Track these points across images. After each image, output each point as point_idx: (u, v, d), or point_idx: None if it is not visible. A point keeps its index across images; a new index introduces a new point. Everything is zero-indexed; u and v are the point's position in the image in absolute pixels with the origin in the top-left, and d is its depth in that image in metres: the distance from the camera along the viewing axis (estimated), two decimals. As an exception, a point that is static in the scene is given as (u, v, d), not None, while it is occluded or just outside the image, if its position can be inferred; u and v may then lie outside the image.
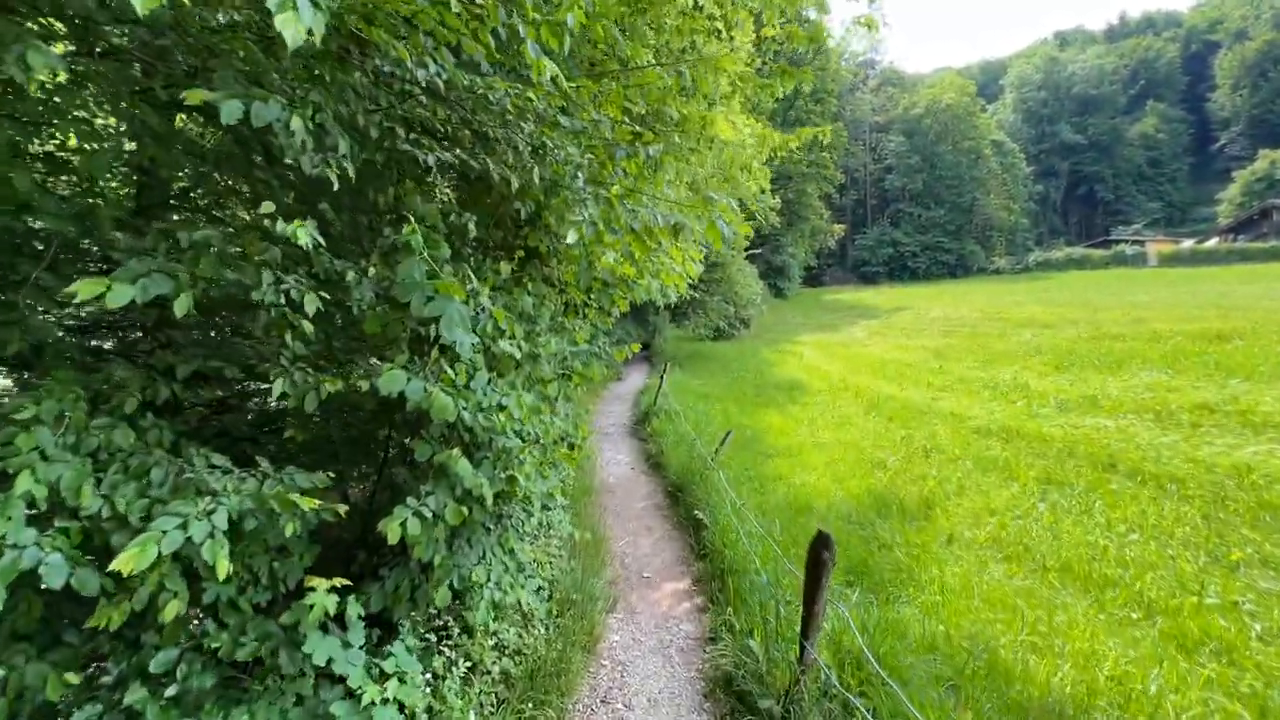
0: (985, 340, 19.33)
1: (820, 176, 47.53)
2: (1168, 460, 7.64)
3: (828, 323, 31.42)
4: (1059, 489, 7.33)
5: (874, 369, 17.11)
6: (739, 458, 9.05)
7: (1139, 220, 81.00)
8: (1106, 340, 15.47)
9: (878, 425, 11.12)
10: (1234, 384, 10.29)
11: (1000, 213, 70.67)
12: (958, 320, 25.98)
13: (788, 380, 15.76)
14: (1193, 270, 55.72)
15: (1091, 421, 9.80)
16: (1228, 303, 24.37)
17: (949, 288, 49.36)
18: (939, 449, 9.39)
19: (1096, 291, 37.50)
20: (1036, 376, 13.42)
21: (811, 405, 13.02)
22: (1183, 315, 19.68)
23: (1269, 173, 69.92)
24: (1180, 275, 49.96)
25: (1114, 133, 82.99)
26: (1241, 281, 36.53)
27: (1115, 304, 27.08)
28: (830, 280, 67.99)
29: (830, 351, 21.47)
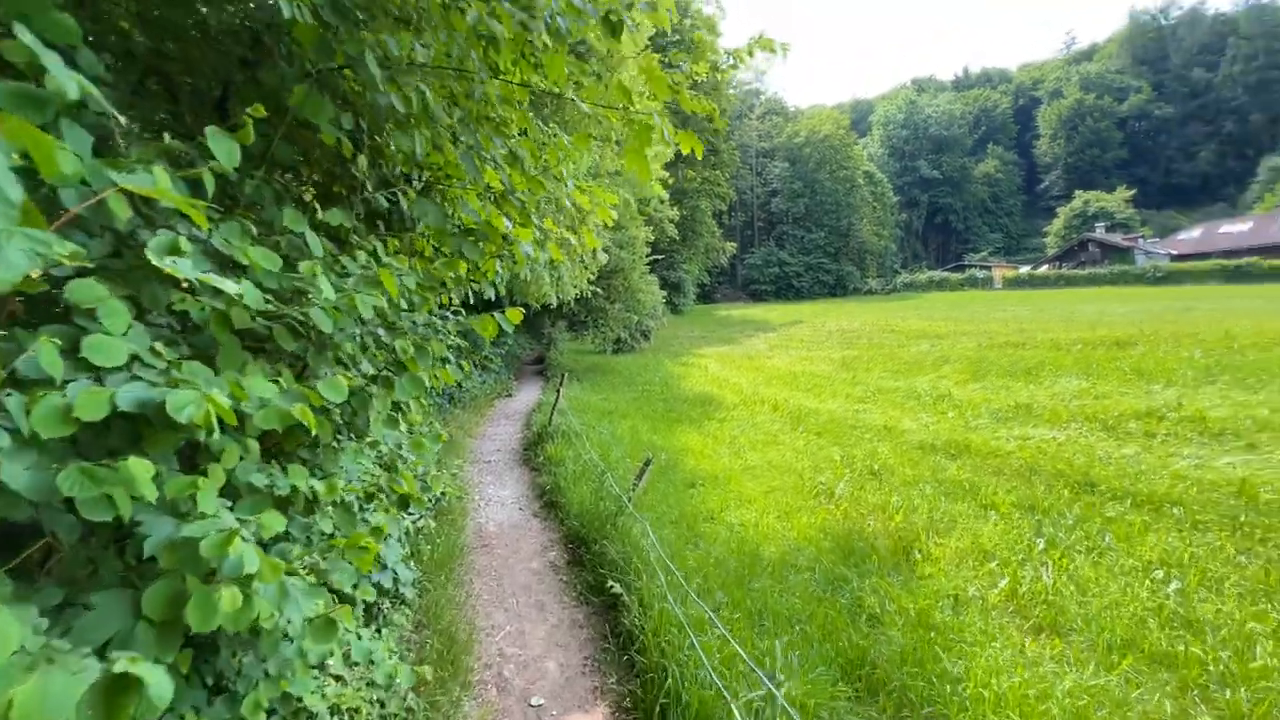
0: (887, 350, 18.72)
1: (713, 194, 47.40)
2: (1150, 477, 6.46)
3: (727, 336, 30.45)
4: (1047, 518, 5.87)
5: (785, 381, 15.78)
6: (657, 489, 6.98)
7: (985, 248, 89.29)
8: (1008, 349, 15.07)
9: (808, 443, 9.49)
10: (1158, 389, 9.67)
11: (872, 238, 74.97)
12: (853, 332, 25.73)
13: (699, 394, 14.00)
14: (1032, 292, 61.42)
15: (1037, 433, 8.69)
16: (1078, 317, 25.87)
17: (833, 305, 50.79)
18: (887, 469, 7.83)
19: (962, 308, 39.63)
20: (955, 385, 12.52)
21: (730, 421, 11.25)
22: (1055, 326, 20.20)
23: (1083, 210, 79.10)
24: (1023, 296, 54.66)
25: (963, 170, 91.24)
26: (1077, 302, 39.95)
27: (988, 317, 28.11)
28: (722, 297, 68.67)
29: (736, 364, 20.12)
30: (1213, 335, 11.96)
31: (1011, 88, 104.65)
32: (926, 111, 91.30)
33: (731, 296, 69.46)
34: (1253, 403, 8.14)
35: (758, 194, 74.79)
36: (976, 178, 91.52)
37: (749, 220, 76.39)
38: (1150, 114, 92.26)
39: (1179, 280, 60.40)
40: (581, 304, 18.41)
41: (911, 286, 76.44)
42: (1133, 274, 64.52)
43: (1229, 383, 9.06)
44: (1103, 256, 71.60)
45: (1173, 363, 10.61)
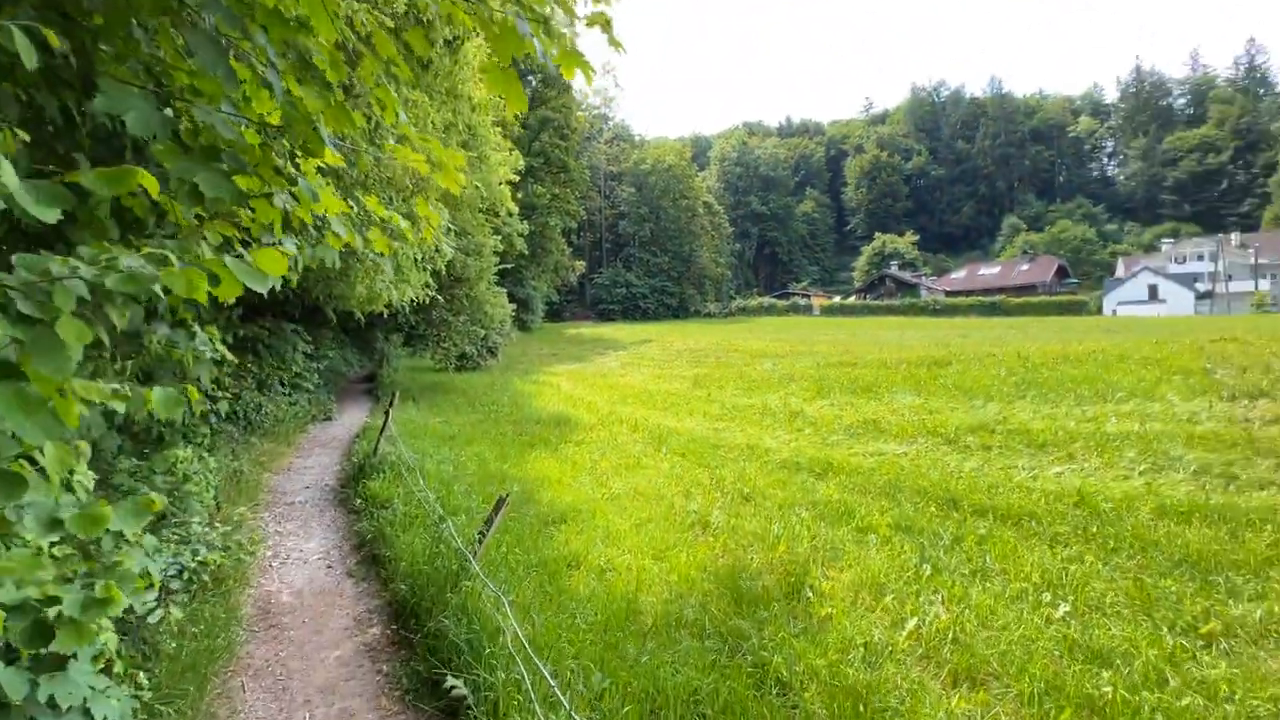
0: (735, 369, 19.02)
1: (564, 210, 46.66)
2: (1001, 491, 6.56)
3: (578, 354, 29.59)
4: (925, 538, 5.61)
5: (641, 399, 15.19)
6: (511, 530, 5.75)
7: (805, 278, 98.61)
8: (843, 368, 15.88)
9: (674, 465, 8.78)
10: (980, 404, 10.42)
11: (711, 264, 79.20)
12: (700, 351, 26.18)
13: (552, 414, 12.83)
14: (844, 318, 68.59)
15: (889, 448, 8.79)
16: (887, 341, 28.90)
17: (677, 326, 52.35)
18: (758, 492, 7.30)
19: (790, 331, 42.78)
20: (804, 402, 12.71)
21: (589, 443, 10.25)
22: (873, 348, 22.07)
23: (882, 249, 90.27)
24: (837, 321, 60.84)
25: (787, 209, 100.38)
26: (881, 328, 45.00)
27: (815, 340, 30.30)
28: (571, 315, 68.09)
29: (589, 382, 19.24)
30: (1009, 356, 13.46)
31: (825, 139, 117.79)
32: (757, 153, 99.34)
33: (580, 315, 69.15)
34: (1059, 415, 8.94)
35: (606, 216, 75.66)
36: (798, 216, 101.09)
37: (597, 241, 76.92)
38: (928, 173, 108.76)
39: (952, 312, 70.92)
40: (421, 315, 16.42)
41: (745, 311, 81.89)
42: (919, 305, 74.60)
43: (1036, 397, 9.99)
44: (897, 290, 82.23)
45: (986, 380, 11.62)
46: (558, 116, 44.65)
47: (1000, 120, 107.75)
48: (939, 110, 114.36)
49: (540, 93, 44.60)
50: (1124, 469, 6.68)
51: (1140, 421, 7.96)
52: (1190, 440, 7.09)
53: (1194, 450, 6.78)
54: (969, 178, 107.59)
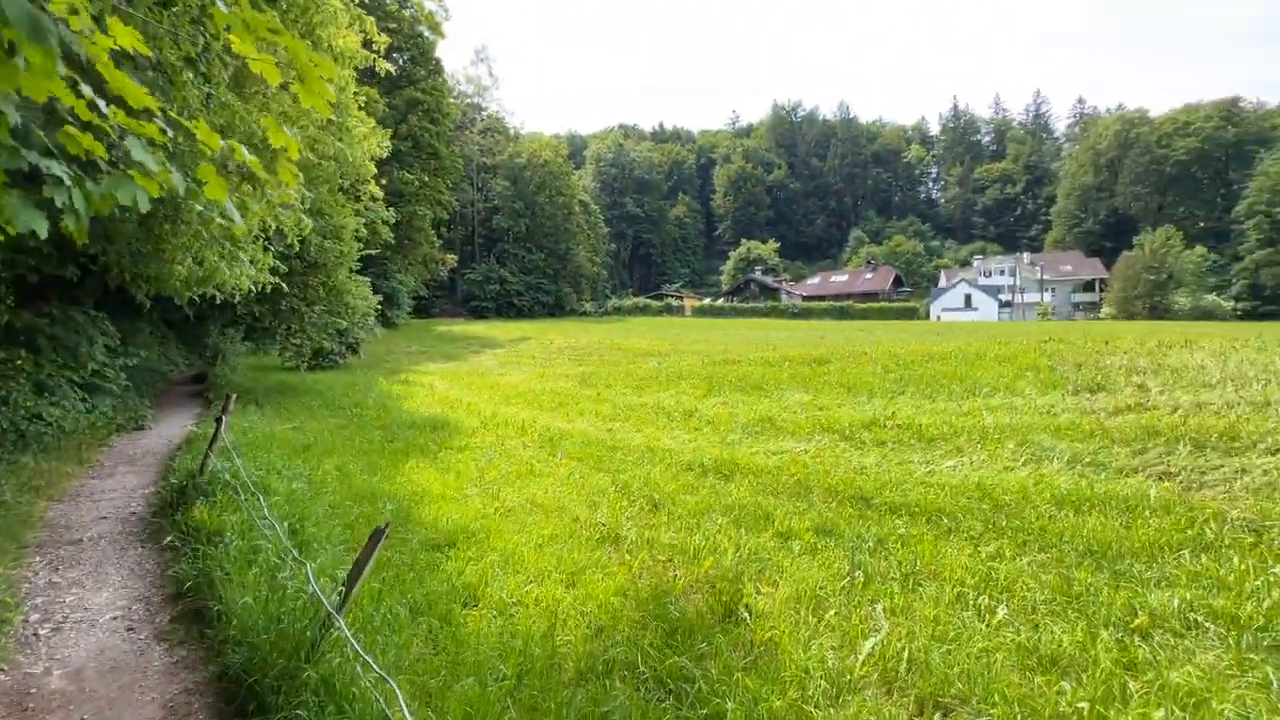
0: (622, 367, 18.51)
1: (434, 200, 43.64)
2: (906, 487, 6.53)
3: (451, 352, 27.57)
4: (848, 542, 5.33)
5: (526, 399, 14.14)
6: (389, 562, 4.67)
7: (678, 280, 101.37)
8: (728, 365, 15.94)
9: (571, 471, 7.97)
10: (864, 400, 10.72)
11: (587, 263, 78.66)
12: (582, 350, 25.44)
13: (428, 418, 11.42)
14: (714, 319, 71.30)
15: (789, 446, 8.65)
16: (758, 340, 30.11)
17: (554, 324, 51.15)
18: (667, 499, 6.73)
19: (667, 330, 43.40)
20: (696, 400, 12.44)
21: (473, 449, 9.11)
22: (751, 347, 22.69)
23: (747, 255, 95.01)
24: (709, 322, 63.05)
25: (661, 212, 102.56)
26: (750, 329, 47.17)
27: (694, 339, 30.77)
28: (440, 312, 64.15)
29: (466, 382, 17.75)
30: (882, 355, 14.20)
31: (695, 147, 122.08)
32: (632, 155, 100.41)
33: (451, 312, 65.41)
34: (938, 409, 9.36)
35: (479, 209, 72.35)
36: (671, 219, 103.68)
37: (470, 235, 73.33)
38: (787, 186, 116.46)
39: (808, 315, 76.30)
40: (267, 304, 14.10)
41: (620, 310, 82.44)
42: (780, 308, 79.44)
43: (914, 393, 10.46)
44: (760, 293, 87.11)
45: (865, 377, 12.06)
46: (428, 99, 41.61)
47: (848, 143, 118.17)
48: (796, 129, 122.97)
49: (409, 71, 41.27)
50: (1008, 460, 6.97)
51: (1009, 415, 8.49)
52: (1056, 431, 7.60)
53: (1061, 440, 7.25)
54: (822, 193, 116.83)
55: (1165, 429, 6.99)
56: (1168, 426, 6.99)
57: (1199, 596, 3.95)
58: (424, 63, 41.91)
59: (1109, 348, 11.29)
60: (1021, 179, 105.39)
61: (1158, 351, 10.50)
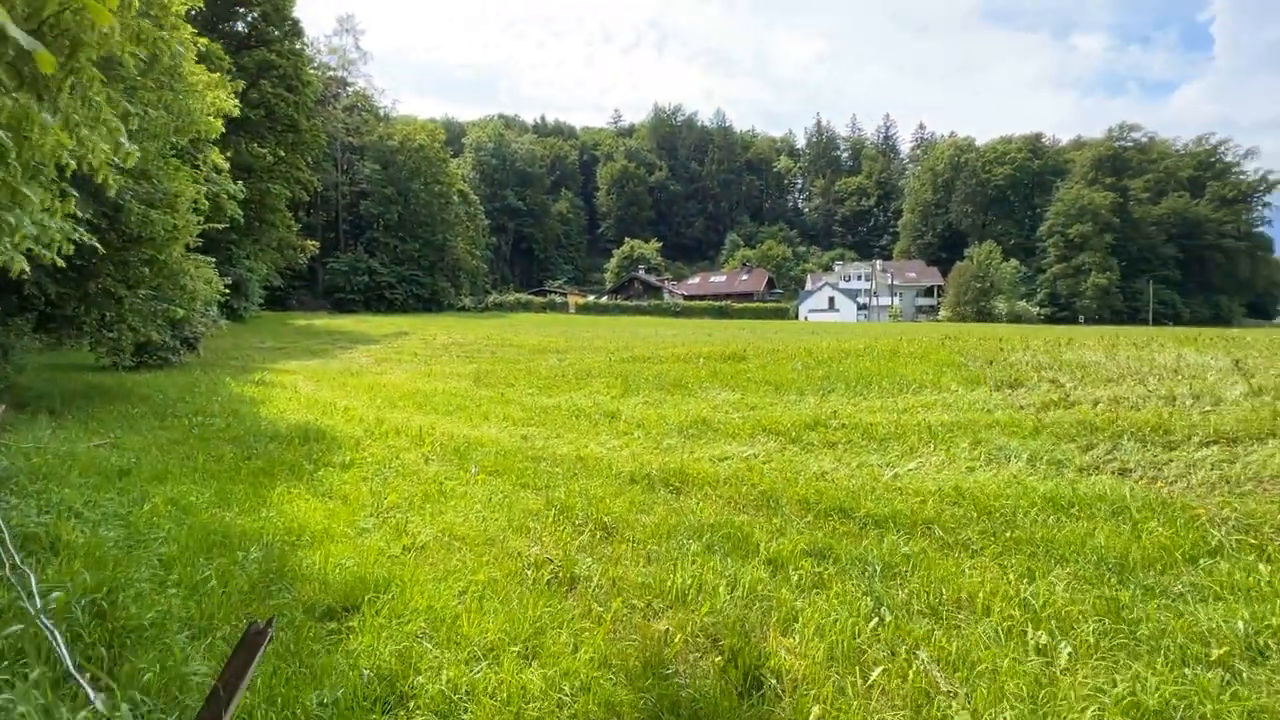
0: (521, 365, 16.99)
1: (291, 179, 38.59)
2: (879, 495, 5.94)
3: (315, 348, 24.19)
4: (851, 568, 4.56)
5: (416, 402, 12.25)
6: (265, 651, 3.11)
7: (561, 276, 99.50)
8: (638, 363, 15.06)
9: (491, 490, 6.57)
10: (794, 399, 10.28)
11: (466, 255, 74.58)
12: (470, 346, 23.39)
13: (297, 426, 9.30)
14: (599, 316, 70.58)
15: (734, 450, 7.87)
16: (653, 334, 29.77)
17: (432, 319, 47.54)
18: (619, 521, 5.61)
19: (555, 327, 41.96)
20: (614, 400, 11.39)
21: (362, 465, 7.35)
22: (648, 343, 22.09)
23: (631, 253, 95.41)
24: (594, 319, 62.18)
25: (543, 206, 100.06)
26: (638, 325, 47.06)
27: (589, 335, 29.67)
28: (299, 305, 57.40)
29: (339, 382, 15.29)
30: (798, 351, 14.03)
31: (578, 144, 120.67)
32: (514, 147, 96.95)
33: (311, 305, 58.82)
34: (876, 407, 9.08)
35: (345, 193, 65.81)
36: (554, 214, 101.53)
37: (333, 220, 66.53)
38: (668, 188, 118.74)
39: (690, 314, 78.06)
40: (69, 285, 11.00)
41: (501, 306, 79.30)
42: (663, 307, 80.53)
43: (845, 391, 10.18)
44: (644, 292, 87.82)
45: (788, 374, 11.69)
46: (284, 63, 36.60)
47: (724, 150, 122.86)
48: (677, 132, 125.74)
49: (260, 30, 36.04)
50: (968, 460, 6.67)
51: (946, 412, 8.36)
52: (998, 428, 7.50)
53: (1011, 438, 7.11)
54: (701, 196, 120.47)
55: (1101, 424, 7.07)
56: (1103, 421, 7.08)
57: (1257, 615, 3.60)
58: (278, 21, 36.84)
59: (1007, 345, 11.86)
60: (874, 193, 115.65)
61: (1054, 349, 11.15)
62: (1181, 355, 9.71)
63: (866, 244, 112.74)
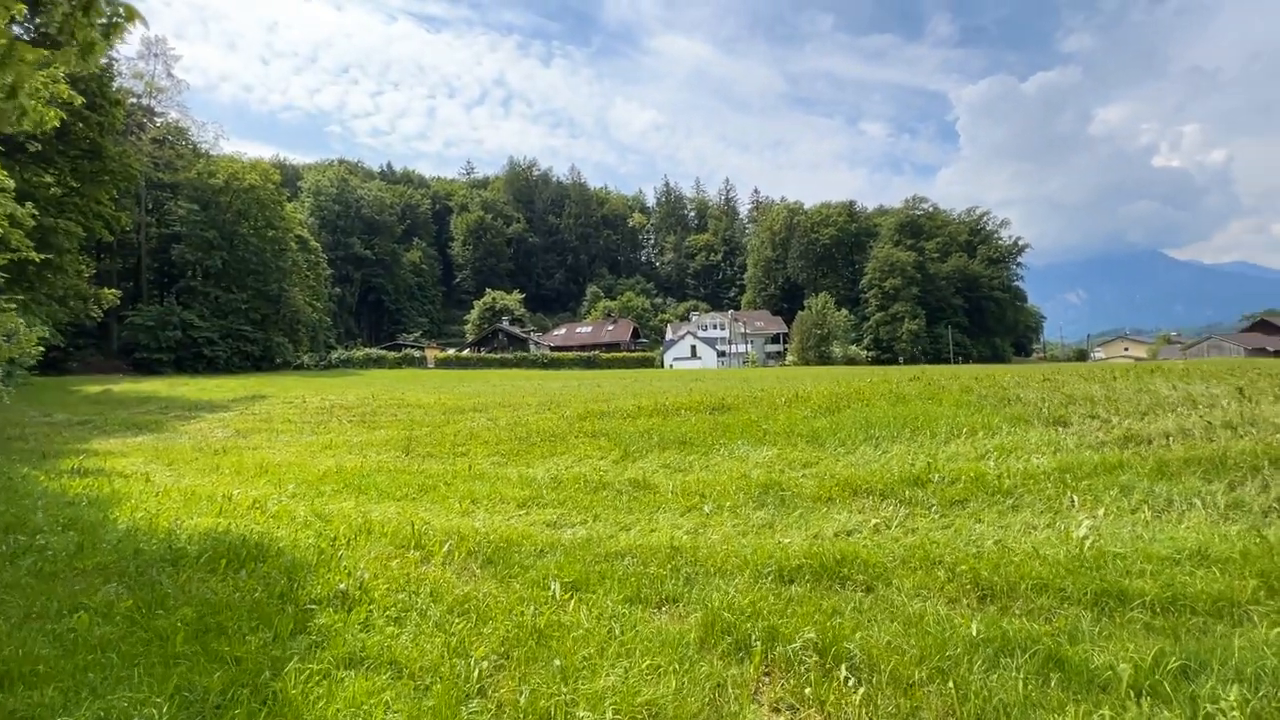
0: (444, 429, 14.12)
1: (89, 213, 31.11)
2: (1121, 569, 4.83)
3: (137, 420, 18.63)
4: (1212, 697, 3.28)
5: (347, 485, 9.15)
6: None
7: (415, 329, 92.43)
8: (605, 419, 13.10)
9: (601, 614, 4.42)
10: (840, 450, 9.09)
11: (306, 308, 66.31)
12: (360, 409, 19.53)
13: (204, 539, 6.06)
14: (462, 371, 66.11)
15: (847, 519, 6.39)
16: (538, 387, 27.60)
17: (271, 379, 40.55)
18: (870, 659, 3.85)
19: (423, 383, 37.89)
20: (618, 466, 9.40)
21: (380, 604, 4.68)
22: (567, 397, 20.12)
23: (493, 305, 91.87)
24: (460, 373, 57.90)
25: (394, 255, 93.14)
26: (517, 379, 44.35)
27: (474, 390, 26.71)
28: (82, 368, 46.04)
29: (207, 465, 11.31)
30: (790, 397, 13.05)
31: (430, 192, 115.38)
32: (360, 193, 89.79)
33: (102, 367, 47.67)
34: (955, 455, 8.14)
35: (151, 236, 55.42)
36: (406, 264, 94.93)
37: (133, 267, 55.47)
38: (526, 240, 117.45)
39: (559, 365, 76.26)
40: None
41: (349, 363, 71.53)
42: (530, 359, 77.91)
43: (892, 439, 9.14)
44: (509, 344, 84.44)
45: (808, 424, 10.52)
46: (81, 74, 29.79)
47: (581, 205, 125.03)
48: (533, 186, 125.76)
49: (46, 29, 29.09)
50: (1140, 513, 5.84)
51: (1033, 455, 7.69)
52: (1115, 470, 6.87)
53: (1141, 480, 6.50)
54: (559, 248, 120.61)
55: (1207, 459, 6.76)
56: (1210, 457, 6.78)
57: None
58: (77, 25, 30.12)
59: (995, 382, 11.92)
60: (721, 249, 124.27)
61: (1044, 385, 11.35)
62: (1176, 386, 10.31)
63: (717, 295, 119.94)
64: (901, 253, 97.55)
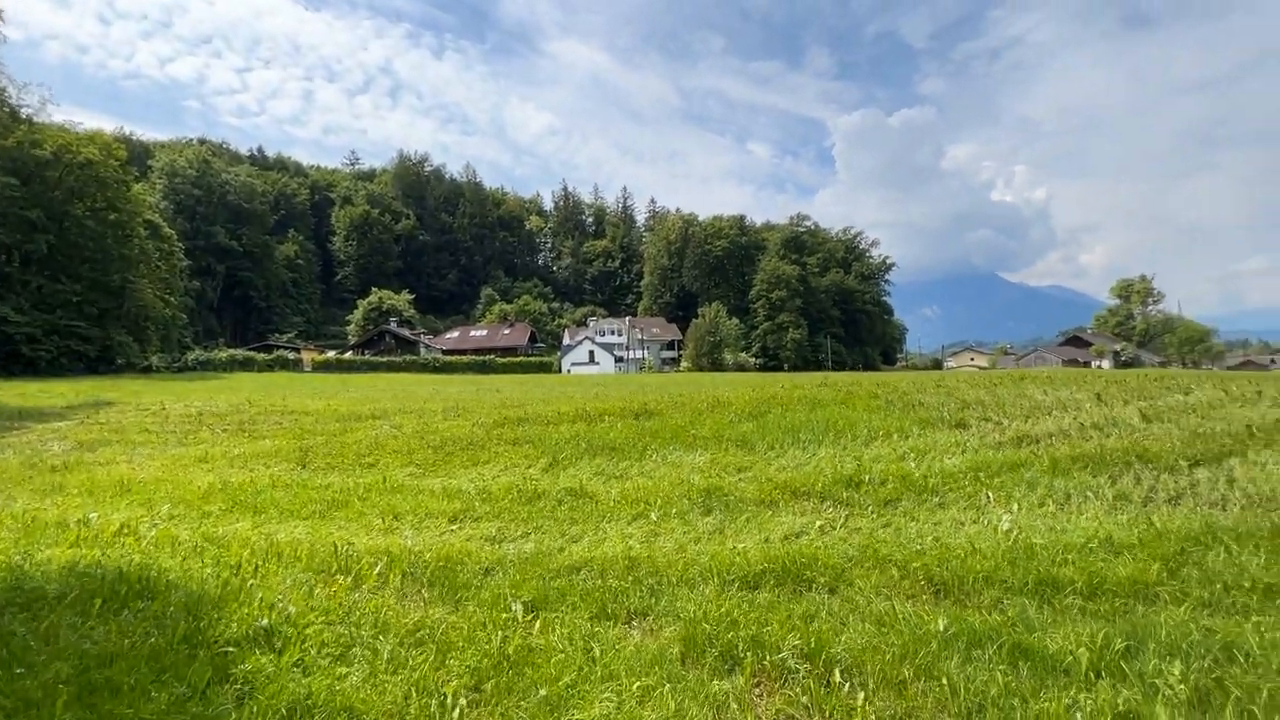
0: (342, 438, 12.89)
1: None
2: (1050, 560, 5.27)
3: (-63, 432, 15.29)
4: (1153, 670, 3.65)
5: (234, 503, 7.99)
6: None
7: (289, 330, 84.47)
8: (524, 425, 12.57)
9: (573, 633, 4.13)
10: (771, 454, 9.27)
11: (157, 303, 58.51)
12: (236, 416, 17.39)
13: (66, 574, 4.95)
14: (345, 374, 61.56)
15: (792, 522, 6.51)
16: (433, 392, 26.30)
17: (122, 382, 35.30)
18: (852, 664, 3.86)
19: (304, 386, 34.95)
20: (549, 474, 8.99)
21: (317, 640, 4.04)
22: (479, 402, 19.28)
23: (379, 305, 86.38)
24: (343, 377, 53.88)
25: (265, 248, 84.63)
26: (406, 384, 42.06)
27: (369, 395, 24.90)
28: None
29: (47, 484, 9.39)
30: (711, 401, 13.16)
31: (308, 182, 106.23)
32: (225, 177, 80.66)
33: (-124, 368, 39.01)
34: (881, 457, 8.56)
35: (-51, 210, 46.26)
36: (279, 258, 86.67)
37: (-76, 247, 45.97)
38: (417, 238, 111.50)
39: (451, 369, 73.12)
40: None
41: (209, 365, 64.35)
42: (421, 362, 74.15)
43: (817, 443, 9.46)
44: (398, 346, 79.67)
45: (734, 428, 10.68)
46: None
47: (475, 204, 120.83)
48: (425, 182, 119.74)
49: None
50: (1049, 507, 6.45)
51: (947, 456, 8.29)
52: (1018, 469, 7.57)
53: (1043, 476, 7.20)
54: (452, 248, 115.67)
55: (1089, 456, 7.64)
56: (1091, 454, 7.67)
57: None
58: None
59: (895, 388, 12.82)
60: (619, 256, 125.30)
61: (941, 390, 12.35)
62: (1047, 392, 11.64)
63: (614, 301, 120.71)
64: (787, 266, 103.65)
